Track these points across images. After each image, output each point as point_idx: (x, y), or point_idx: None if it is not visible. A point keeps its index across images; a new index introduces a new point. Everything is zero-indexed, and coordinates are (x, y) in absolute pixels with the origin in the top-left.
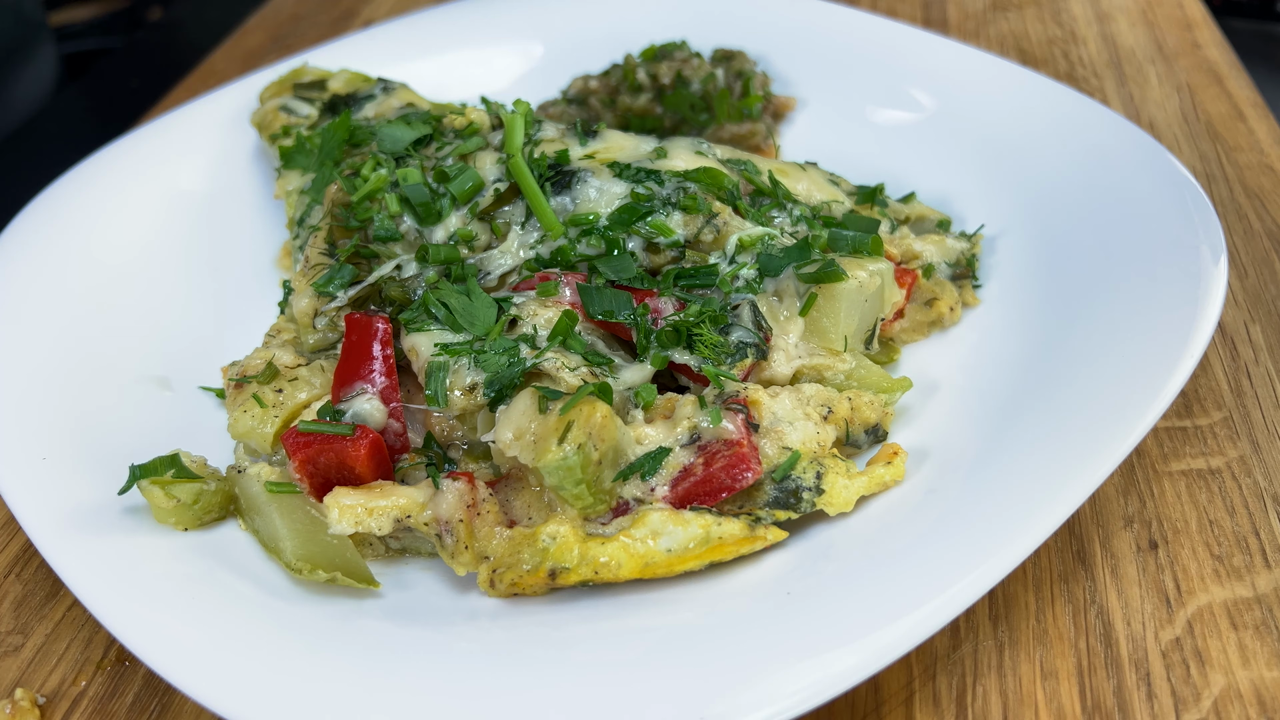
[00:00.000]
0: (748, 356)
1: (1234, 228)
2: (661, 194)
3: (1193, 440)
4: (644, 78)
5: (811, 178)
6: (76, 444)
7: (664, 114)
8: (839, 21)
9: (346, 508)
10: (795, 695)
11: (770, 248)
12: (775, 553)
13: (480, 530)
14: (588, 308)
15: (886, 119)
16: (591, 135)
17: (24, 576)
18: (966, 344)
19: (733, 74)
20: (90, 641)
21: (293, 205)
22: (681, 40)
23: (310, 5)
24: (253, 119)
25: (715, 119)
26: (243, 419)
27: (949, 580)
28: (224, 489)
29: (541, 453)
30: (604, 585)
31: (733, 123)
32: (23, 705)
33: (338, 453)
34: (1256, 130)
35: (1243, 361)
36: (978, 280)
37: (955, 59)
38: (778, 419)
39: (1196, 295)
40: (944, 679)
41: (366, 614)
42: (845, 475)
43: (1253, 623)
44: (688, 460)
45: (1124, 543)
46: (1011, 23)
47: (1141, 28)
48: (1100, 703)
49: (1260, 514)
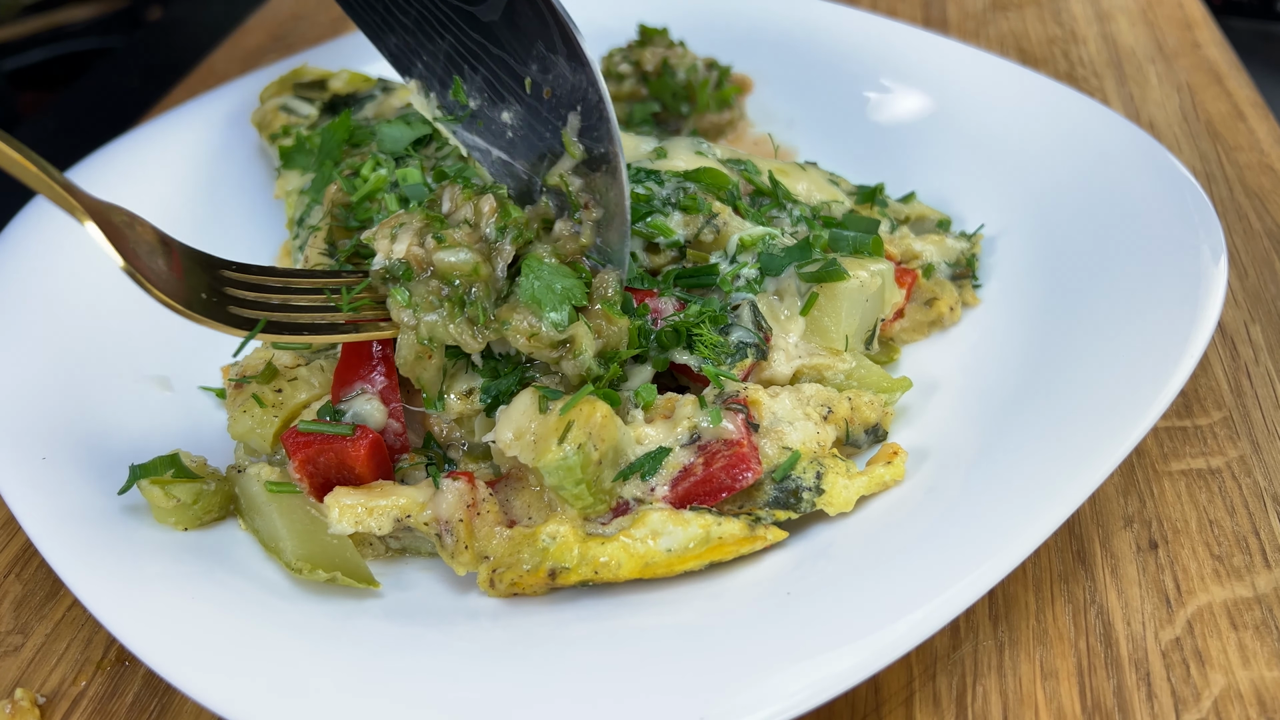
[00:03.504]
0: (748, 356)
1: (1234, 227)
2: (661, 194)
3: (1193, 440)
4: (627, 68)
5: (811, 178)
6: (76, 444)
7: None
8: (839, 21)
9: (347, 507)
10: (795, 695)
11: (771, 247)
12: (775, 553)
13: (480, 530)
14: None
15: (886, 119)
16: None
17: (24, 576)
18: (966, 344)
19: (705, 65)
20: (90, 641)
21: (292, 205)
22: (663, 28)
23: (310, 5)
24: (253, 119)
25: (696, 109)
26: (242, 419)
27: (949, 580)
28: (224, 489)
29: (541, 452)
30: (604, 585)
31: (713, 112)
32: (23, 705)
33: (338, 452)
34: (1256, 130)
35: (1243, 361)
36: (978, 280)
37: (955, 59)
38: (778, 419)
39: (1196, 295)
40: (944, 679)
41: (366, 614)
42: (845, 475)
43: (1253, 623)
44: (688, 460)
45: (1124, 543)
46: (1011, 22)
47: (1141, 27)
48: (1100, 703)
49: (1260, 514)
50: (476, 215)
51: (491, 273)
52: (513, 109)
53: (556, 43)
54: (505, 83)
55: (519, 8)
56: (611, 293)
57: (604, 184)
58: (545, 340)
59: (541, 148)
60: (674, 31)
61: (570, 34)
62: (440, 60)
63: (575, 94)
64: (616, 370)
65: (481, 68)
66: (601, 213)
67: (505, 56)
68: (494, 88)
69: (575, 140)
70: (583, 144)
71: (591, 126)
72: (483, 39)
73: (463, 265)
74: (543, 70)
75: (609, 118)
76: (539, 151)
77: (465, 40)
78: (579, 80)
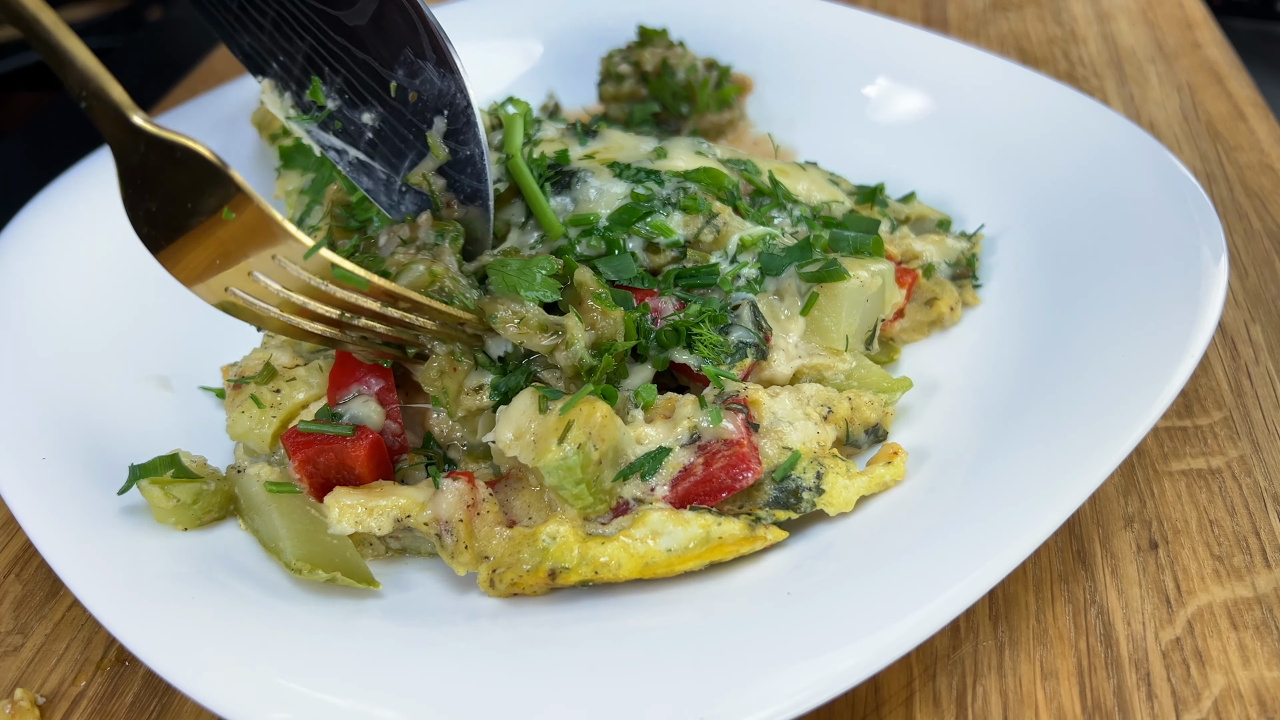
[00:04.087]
0: (748, 356)
1: (1234, 227)
2: (661, 194)
3: (1193, 440)
4: (626, 68)
5: (811, 178)
6: (76, 444)
7: (649, 98)
8: (839, 21)
9: (346, 507)
10: (795, 695)
11: (771, 247)
12: (775, 553)
13: (480, 530)
14: None
15: (886, 119)
16: (591, 135)
17: (24, 576)
18: (966, 344)
19: (705, 65)
20: (90, 641)
21: (292, 205)
22: (663, 29)
23: None
24: (252, 119)
25: (696, 109)
26: (240, 420)
27: (949, 580)
28: (224, 489)
29: (541, 452)
30: (604, 585)
31: (713, 112)
32: (22, 705)
33: (337, 453)
34: (1257, 130)
35: (1243, 361)
36: (978, 280)
37: (955, 59)
38: (778, 419)
39: (1197, 295)
40: (944, 679)
41: (366, 614)
42: (845, 475)
43: (1253, 623)
44: (688, 460)
45: (1124, 543)
46: (1011, 22)
47: (1142, 27)
48: (1100, 703)
49: (1260, 514)
50: (413, 233)
51: (446, 269)
52: (374, 111)
53: (426, 49)
54: (368, 85)
55: (388, 14)
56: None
57: (468, 185)
58: (534, 322)
59: (404, 149)
60: (674, 32)
61: (440, 41)
62: (298, 61)
63: (443, 99)
64: (610, 361)
65: (343, 69)
66: (465, 210)
67: (370, 60)
68: (355, 90)
69: (441, 142)
70: (448, 146)
71: (458, 130)
72: (347, 42)
73: (422, 277)
74: (409, 75)
75: (475, 122)
76: (400, 153)
77: (327, 43)
78: (447, 86)
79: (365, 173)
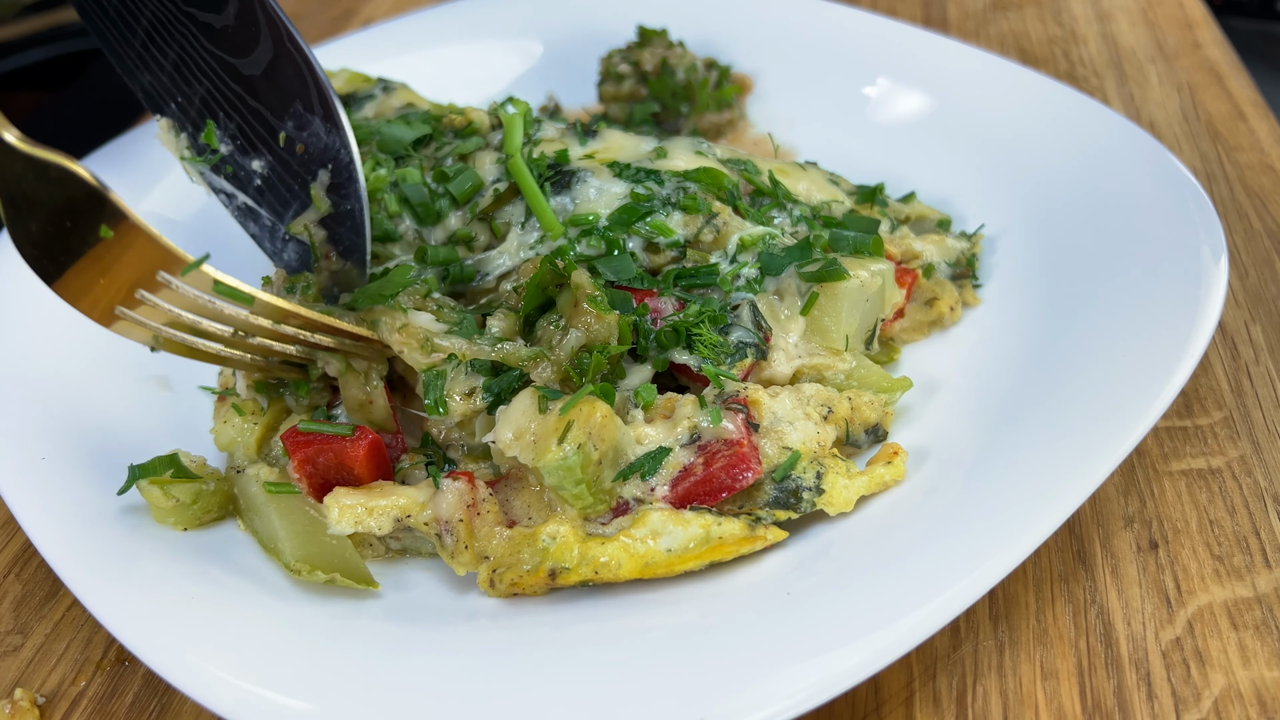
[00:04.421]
0: (747, 356)
1: (1234, 227)
2: (661, 194)
3: (1193, 440)
4: (626, 68)
5: (811, 178)
6: (76, 444)
7: (649, 98)
8: (839, 21)
9: (346, 508)
10: (795, 695)
11: (771, 247)
12: (775, 553)
13: (480, 530)
14: None
15: (886, 119)
16: (591, 135)
17: (24, 576)
18: (966, 344)
19: (705, 65)
20: (90, 641)
21: None
22: (663, 29)
23: (310, 5)
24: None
25: (696, 109)
26: (224, 430)
27: (949, 580)
28: (223, 489)
29: (541, 452)
30: (604, 585)
31: (712, 112)
32: (22, 705)
33: (337, 453)
34: (1257, 130)
35: (1243, 361)
36: (978, 280)
37: (955, 59)
38: (778, 419)
39: (1197, 295)
40: (944, 679)
41: (366, 614)
42: (845, 475)
43: (1253, 623)
44: (688, 460)
45: (1124, 543)
46: (1011, 22)
47: (1142, 27)
48: (1100, 703)
49: (1260, 514)
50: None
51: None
52: (264, 159)
53: (314, 104)
54: (259, 133)
55: (281, 67)
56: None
57: (347, 238)
58: (419, 335)
59: (289, 198)
60: (673, 32)
61: (328, 97)
62: (195, 104)
63: (328, 153)
64: (601, 361)
65: (236, 116)
66: (342, 264)
67: (262, 110)
68: (247, 136)
69: (323, 195)
70: (330, 199)
71: (341, 184)
72: (242, 90)
73: (337, 362)
74: (299, 127)
75: (357, 179)
76: (285, 202)
77: (224, 89)
78: (333, 141)
79: (252, 218)
